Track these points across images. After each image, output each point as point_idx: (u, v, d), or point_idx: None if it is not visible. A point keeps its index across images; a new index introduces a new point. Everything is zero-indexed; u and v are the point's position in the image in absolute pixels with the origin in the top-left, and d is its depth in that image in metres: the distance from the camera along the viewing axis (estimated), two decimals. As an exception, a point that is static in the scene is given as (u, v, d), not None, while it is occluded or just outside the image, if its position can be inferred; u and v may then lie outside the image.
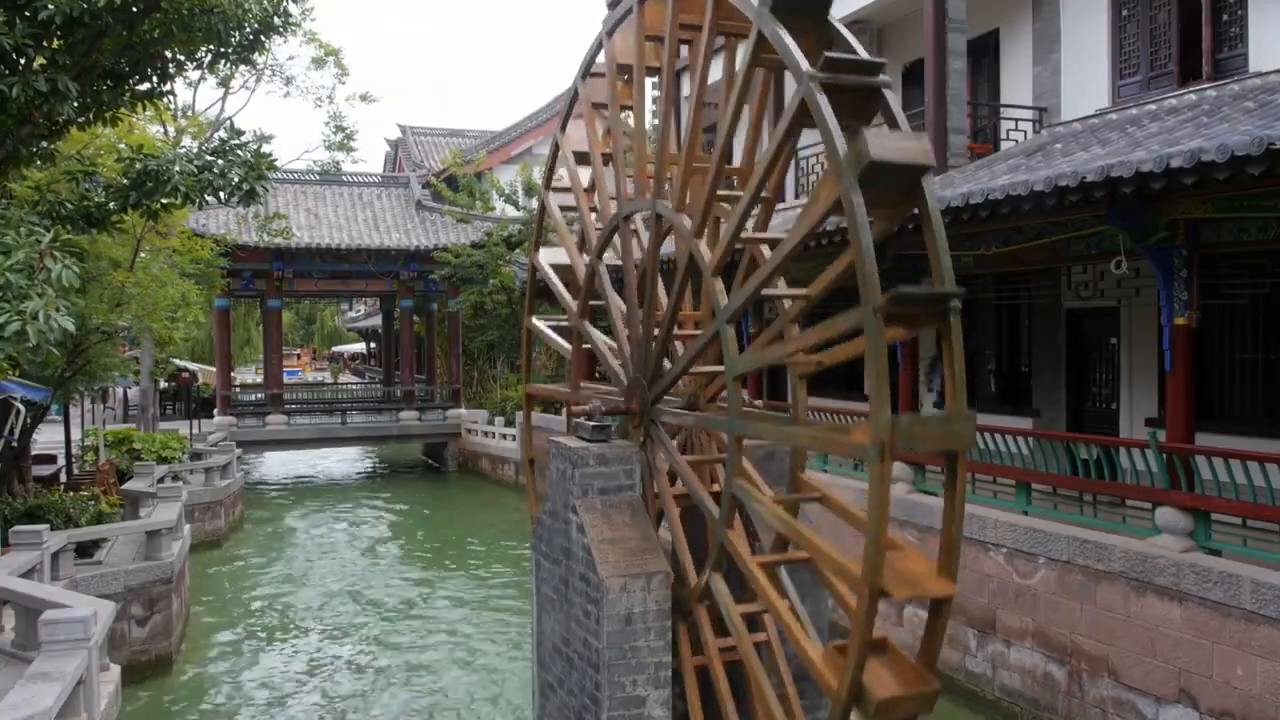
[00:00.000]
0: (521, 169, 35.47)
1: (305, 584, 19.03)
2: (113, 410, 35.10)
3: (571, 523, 8.22)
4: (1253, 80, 11.72)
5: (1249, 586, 8.85)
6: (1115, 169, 8.98)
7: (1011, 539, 11.36)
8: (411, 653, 14.67)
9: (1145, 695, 9.73)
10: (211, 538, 21.95)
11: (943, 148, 15.18)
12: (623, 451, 8.43)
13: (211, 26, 10.85)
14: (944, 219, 10.80)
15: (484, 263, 31.04)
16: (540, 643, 9.23)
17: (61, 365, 17.20)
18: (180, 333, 22.10)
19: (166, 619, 14.14)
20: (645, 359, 8.83)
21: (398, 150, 46.89)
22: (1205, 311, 10.72)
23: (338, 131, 30.36)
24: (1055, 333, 14.94)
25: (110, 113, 11.48)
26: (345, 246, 31.64)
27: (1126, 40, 14.34)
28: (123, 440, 23.85)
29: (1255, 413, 11.91)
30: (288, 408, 33.61)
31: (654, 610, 7.67)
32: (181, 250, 21.99)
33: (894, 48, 18.43)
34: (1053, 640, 10.80)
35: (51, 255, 8.20)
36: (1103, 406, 14.30)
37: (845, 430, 5.85)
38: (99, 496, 17.60)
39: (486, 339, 34.79)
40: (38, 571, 11.86)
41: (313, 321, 78.26)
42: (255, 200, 11.70)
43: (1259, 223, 9.56)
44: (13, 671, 9.15)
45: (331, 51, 29.17)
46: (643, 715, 7.62)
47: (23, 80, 9.47)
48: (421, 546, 22.79)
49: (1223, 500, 9.74)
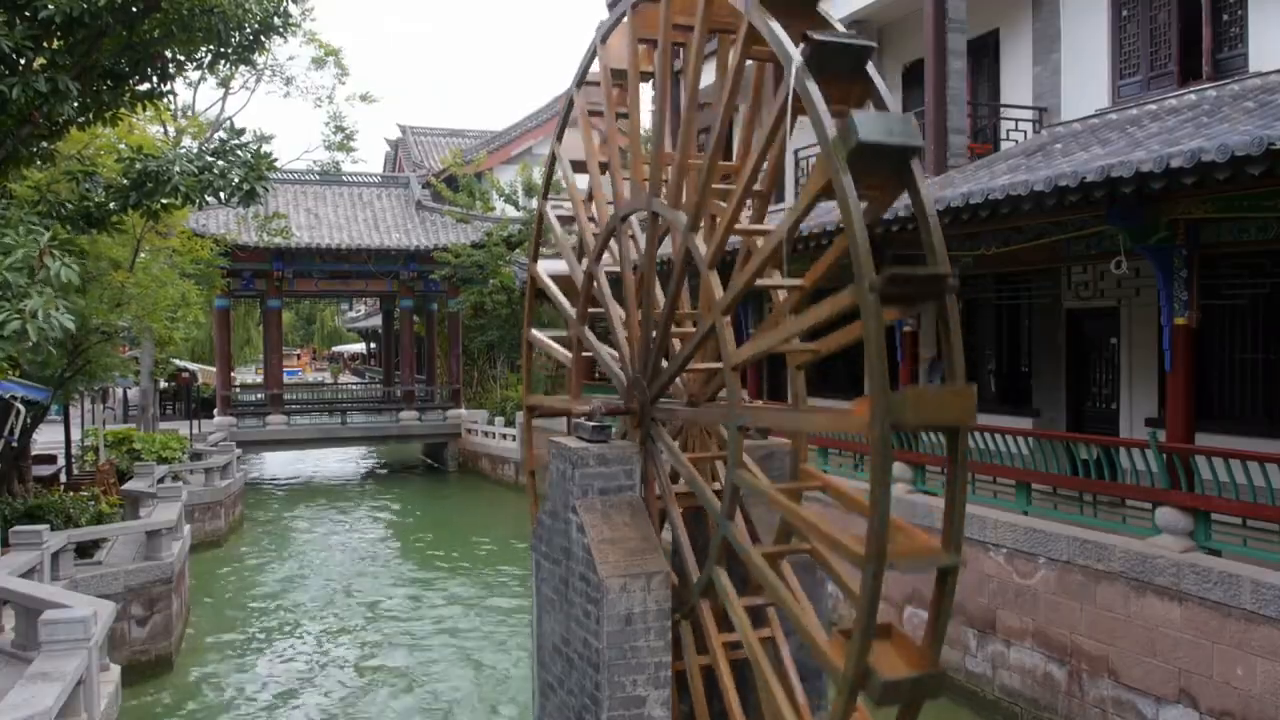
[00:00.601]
0: (521, 169, 35.47)
1: (305, 584, 19.03)
2: (113, 410, 35.08)
3: (571, 523, 8.22)
4: (1253, 80, 11.72)
5: (1249, 586, 8.85)
6: (1115, 169, 8.98)
7: (1011, 539, 11.36)
8: (411, 652, 14.67)
9: (1145, 695, 9.73)
10: (211, 538, 21.96)
11: (943, 148, 15.19)
12: (623, 451, 8.43)
13: (211, 26, 10.85)
14: (944, 219, 10.85)
15: (484, 263, 31.05)
16: (540, 643, 9.23)
17: (61, 365, 17.20)
18: (180, 333, 22.09)
19: (166, 619, 14.14)
20: (644, 359, 8.83)
21: (398, 150, 46.90)
22: (1205, 311, 10.72)
23: (338, 131, 30.41)
24: (1055, 333, 14.94)
25: (110, 113, 11.48)
26: (345, 246, 31.66)
27: (1126, 40, 14.34)
28: (123, 440, 23.85)
29: (1255, 413, 11.91)
30: (288, 408, 33.63)
31: (654, 610, 7.67)
32: (181, 250, 21.99)
33: (894, 48, 18.43)
34: (1053, 640, 10.80)
35: (51, 254, 8.20)
36: (1103, 406, 14.30)
37: (845, 412, 5.85)
38: (99, 497, 17.60)
39: (486, 339, 34.80)
40: (38, 571, 11.86)
41: (313, 321, 78.29)
42: (255, 200, 11.70)
43: (1259, 223, 9.56)
44: (13, 671, 9.15)
45: (331, 51, 29.19)
46: (643, 715, 7.62)
47: (23, 80, 9.47)
48: (421, 547, 22.79)
49: (1223, 500, 9.74)
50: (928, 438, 12.97)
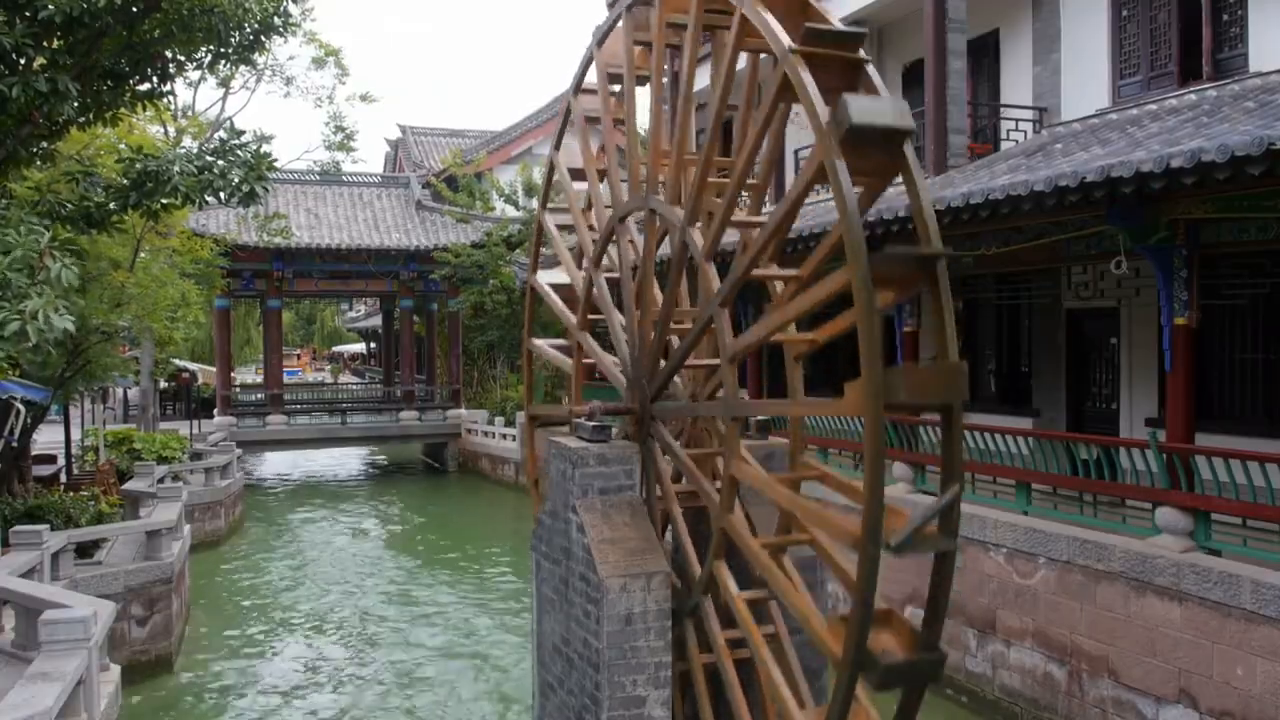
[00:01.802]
0: (521, 169, 35.48)
1: (305, 584, 19.03)
2: (113, 410, 35.10)
3: (571, 523, 8.22)
4: (1253, 80, 11.72)
5: (1249, 586, 8.85)
6: (1115, 169, 8.99)
7: (1011, 539, 11.36)
8: (411, 652, 14.67)
9: (1145, 695, 9.73)
10: (211, 538, 21.96)
11: (943, 148, 15.19)
12: (623, 451, 8.43)
13: (211, 26, 10.85)
14: (944, 219, 10.86)
15: (484, 263, 31.05)
16: (540, 643, 9.23)
17: (61, 365, 17.20)
18: (180, 333, 22.10)
19: (166, 619, 14.14)
20: (643, 358, 8.84)
21: (398, 150, 46.89)
22: (1205, 311, 10.73)
23: (338, 131, 30.42)
24: (1055, 333, 14.94)
25: (110, 113, 11.47)
26: (345, 246, 31.66)
27: (1126, 40, 14.34)
28: (123, 440, 23.86)
29: (1255, 413, 11.91)
30: (288, 408, 33.63)
31: (654, 610, 7.67)
32: (181, 250, 21.99)
33: (894, 48, 18.43)
34: (1053, 640, 10.80)
35: (51, 255, 8.20)
36: (1103, 406, 14.30)
37: (838, 399, 5.89)
38: (99, 496, 17.60)
39: (486, 339, 34.80)
40: (38, 571, 11.86)
41: (313, 321, 78.32)
42: (255, 201, 11.69)
43: (1259, 223, 9.56)
44: (13, 671, 9.15)
45: (331, 52, 29.21)
46: (643, 715, 7.61)
47: (23, 80, 9.46)
48: (421, 546, 22.79)
49: (1223, 500, 9.74)
50: (927, 437, 12.97)
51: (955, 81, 15.25)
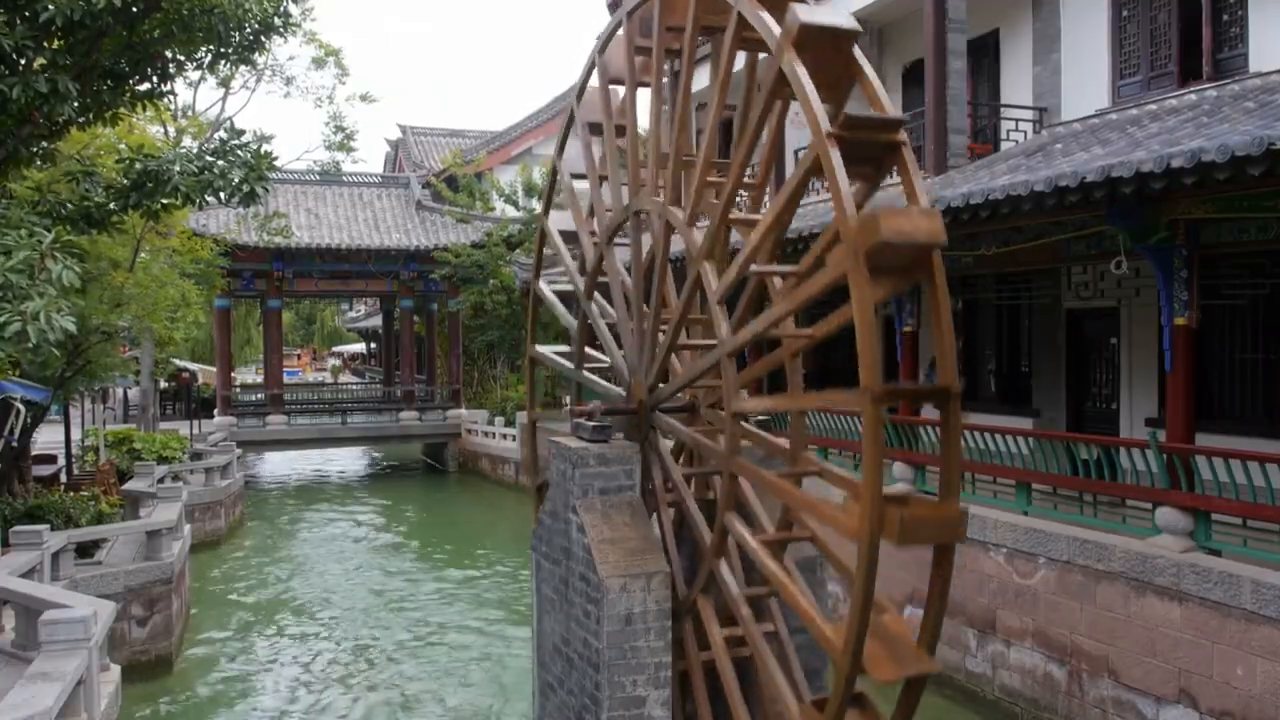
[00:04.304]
0: (521, 169, 35.47)
1: (305, 584, 19.03)
2: (113, 410, 35.08)
3: (571, 523, 8.22)
4: (1253, 80, 11.72)
5: (1249, 586, 8.85)
6: (1115, 169, 8.98)
7: (1011, 539, 11.36)
8: (411, 652, 14.67)
9: (1145, 695, 9.73)
10: (211, 538, 21.95)
11: (943, 148, 15.19)
12: (623, 451, 8.44)
13: (211, 26, 10.86)
14: (944, 219, 10.82)
15: (484, 263, 31.05)
16: (540, 643, 9.24)
17: (61, 365, 17.19)
18: (180, 333, 22.11)
19: (166, 619, 14.14)
20: (642, 360, 8.85)
21: (398, 150, 46.89)
22: (1205, 311, 10.72)
23: (338, 131, 30.43)
24: (1055, 333, 14.95)
25: (110, 113, 11.48)
26: (345, 246, 31.66)
27: (1126, 40, 14.34)
28: (123, 440, 23.86)
29: (1255, 413, 11.91)
30: (288, 408, 33.64)
31: (654, 610, 7.67)
32: (181, 250, 21.99)
33: (894, 48, 18.44)
34: (1053, 640, 10.80)
35: (52, 256, 8.20)
36: (1103, 406, 14.31)
37: (836, 393, 5.96)
38: (99, 496, 17.60)
39: (486, 339, 34.79)
40: (38, 571, 11.86)
41: (313, 321, 78.26)
42: (256, 201, 11.70)
43: (1259, 223, 9.56)
44: (13, 671, 9.15)
45: (332, 52, 29.21)
46: (643, 715, 7.62)
47: (23, 80, 9.47)
48: (421, 546, 22.79)
49: (1223, 500, 9.74)
50: (927, 436, 12.98)
51: (955, 81, 15.26)
